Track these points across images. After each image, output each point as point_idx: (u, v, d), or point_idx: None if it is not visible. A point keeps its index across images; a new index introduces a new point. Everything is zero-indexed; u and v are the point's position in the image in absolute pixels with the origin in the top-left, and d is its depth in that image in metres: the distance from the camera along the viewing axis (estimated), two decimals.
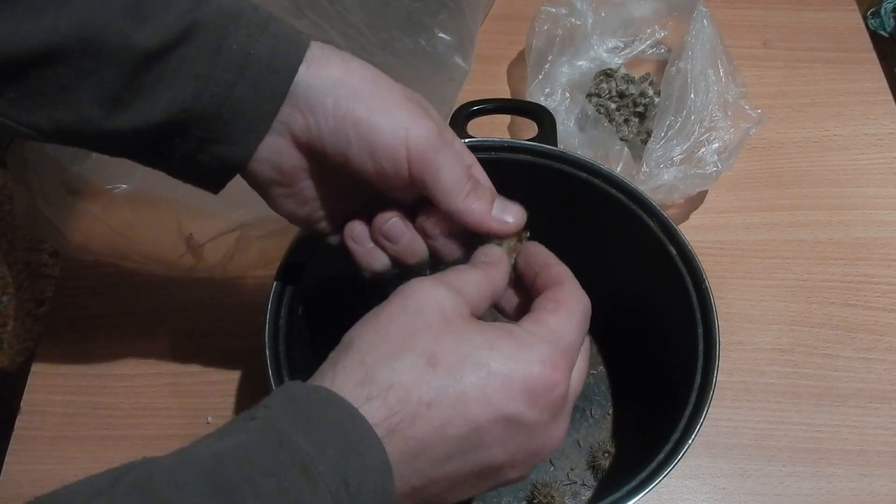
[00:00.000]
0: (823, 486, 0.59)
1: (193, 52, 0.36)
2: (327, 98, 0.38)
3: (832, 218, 0.71)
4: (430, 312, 0.35)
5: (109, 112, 0.36)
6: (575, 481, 0.57)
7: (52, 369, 0.62)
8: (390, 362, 0.33)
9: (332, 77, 0.38)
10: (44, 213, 0.54)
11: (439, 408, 0.32)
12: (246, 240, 0.57)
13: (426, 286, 0.36)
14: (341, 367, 0.34)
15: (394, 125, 0.38)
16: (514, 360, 0.34)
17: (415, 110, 0.39)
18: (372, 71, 0.39)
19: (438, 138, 0.38)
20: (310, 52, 0.38)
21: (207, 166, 0.39)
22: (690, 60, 0.68)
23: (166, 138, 0.38)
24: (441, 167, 0.38)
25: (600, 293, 0.61)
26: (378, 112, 0.38)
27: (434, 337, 0.34)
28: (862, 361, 0.64)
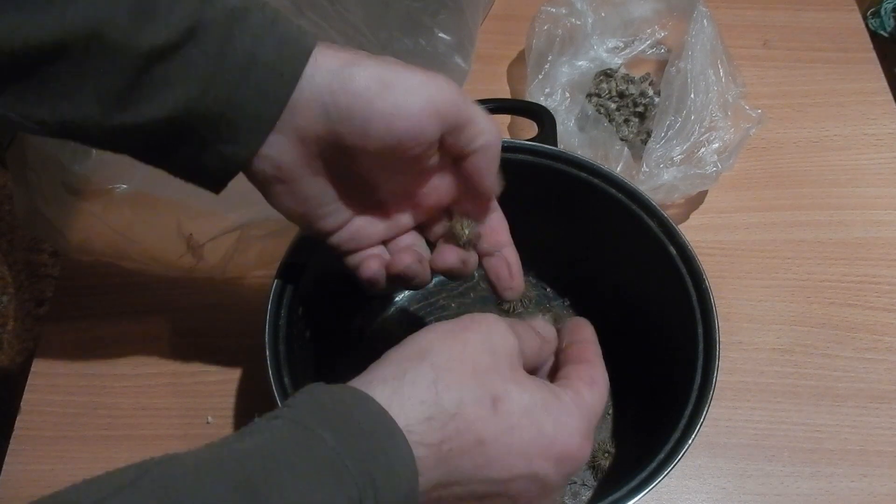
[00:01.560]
0: (823, 486, 0.59)
1: (198, 52, 0.36)
2: (335, 82, 0.38)
3: (832, 218, 0.71)
4: (502, 357, 0.36)
5: (113, 109, 0.36)
6: (575, 481, 0.57)
7: (52, 369, 0.62)
8: (461, 392, 0.34)
9: (338, 61, 0.38)
10: (44, 213, 0.54)
11: (489, 449, 0.34)
12: (246, 240, 0.57)
13: (503, 329, 0.37)
14: (412, 376, 0.33)
15: (416, 86, 0.38)
16: (560, 426, 0.36)
17: (432, 75, 0.39)
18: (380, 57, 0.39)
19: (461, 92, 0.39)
20: (316, 50, 0.38)
21: (210, 164, 0.39)
22: (690, 60, 0.68)
23: (169, 136, 0.38)
24: (473, 115, 0.39)
25: (600, 293, 0.62)
26: (394, 79, 0.38)
27: (503, 381, 0.35)
28: (862, 361, 0.64)
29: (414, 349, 0.35)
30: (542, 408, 0.35)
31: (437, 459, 0.33)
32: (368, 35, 0.61)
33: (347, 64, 0.38)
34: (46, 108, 0.35)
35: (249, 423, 0.32)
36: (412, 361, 0.34)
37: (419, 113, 0.38)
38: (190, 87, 0.36)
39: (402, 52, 0.63)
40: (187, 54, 0.36)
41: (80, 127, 0.36)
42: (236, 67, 0.37)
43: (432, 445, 0.32)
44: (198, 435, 0.60)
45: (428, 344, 0.35)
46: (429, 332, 0.36)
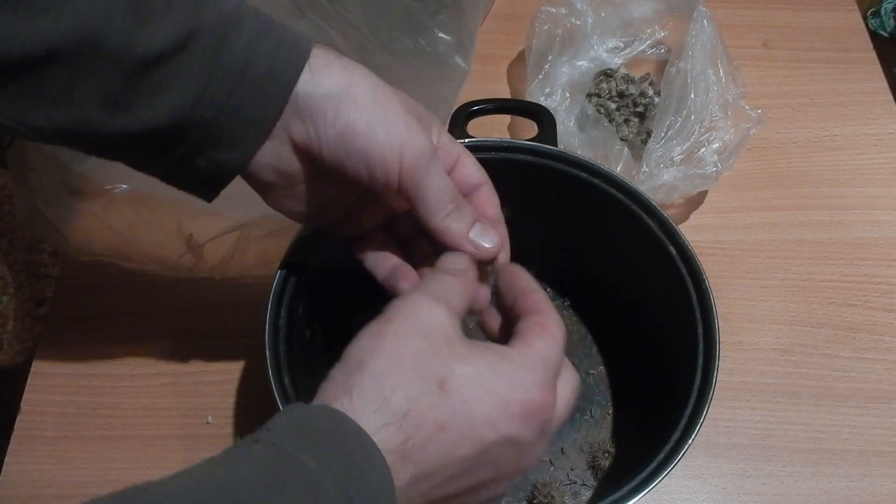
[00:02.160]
0: (823, 486, 0.59)
1: (193, 59, 0.36)
2: (328, 108, 0.38)
3: (832, 218, 0.71)
4: (436, 336, 0.35)
5: (108, 114, 0.36)
6: (575, 481, 0.57)
7: (52, 369, 0.62)
8: (406, 389, 0.34)
9: (333, 86, 0.38)
10: (44, 213, 0.54)
11: (450, 431, 0.34)
12: (246, 240, 0.57)
13: (427, 306, 0.37)
14: (358, 391, 0.33)
15: (391, 139, 0.38)
16: (514, 384, 0.35)
17: (412, 124, 0.39)
18: (373, 79, 0.40)
19: (430, 157, 0.39)
20: (312, 58, 0.38)
21: (204, 170, 0.39)
22: (690, 60, 0.68)
23: (164, 142, 0.38)
24: (428, 186, 0.40)
25: (600, 293, 0.62)
26: (377, 125, 0.38)
27: (443, 362, 0.35)
28: (862, 361, 0.64)
29: (352, 363, 0.35)
30: (489, 372, 0.35)
31: (404, 459, 0.33)
32: (368, 35, 0.61)
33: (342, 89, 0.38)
34: (40, 113, 0.35)
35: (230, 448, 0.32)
36: (353, 375, 0.34)
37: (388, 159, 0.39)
38: (184, 93, 0.36)
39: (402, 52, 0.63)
40: (182, 61, 0.36)
41: (75, 132, 0.37)
42: (231, 73, 0.37)
43: (396, 449, 0.33)
44: (198, 435, 0.60)
45: (362, 353, 0.35)
46: (359, 340, 0.36)
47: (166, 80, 0.36)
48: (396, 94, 0.40)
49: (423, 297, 0.37)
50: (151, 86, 0.36)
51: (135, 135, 0.37)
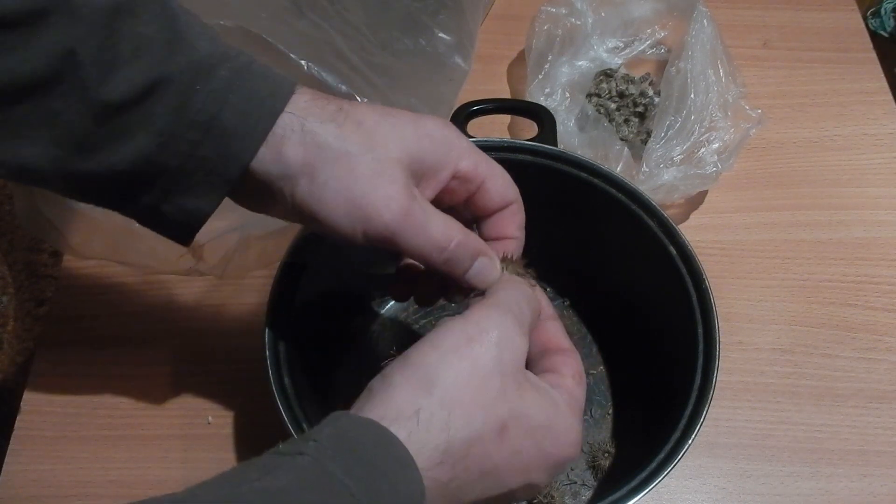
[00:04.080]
0: (823, 486, 0.59)
1: (158, 107, 0.36)
2: (283, 186, 0.38)
3: (832, 218, 0.71)
4: (509, 374, 0.35)
5: (73, 155, 0.36)
6: (575, 481, 0.57)
7: (52, 369, 0.62)
8: (470, 431, 0.33)
9: (289, 161, 0.37)
10: (44, 213, 0.54)
11: (491, 478, 0.35)
12: (246, 240, 0.57)
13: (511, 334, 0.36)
14: (425, 419, 0.33)
15: (349, 215, 0.37)
16: (560, 442, 0.37)
17: (377, 193, 0.37)
18: (337, 143, 0.38)
19: (400, 225, 0.38)
20: (277, 125, 0.37)
21: (172, 216, 0.39)
22: (690, 60, 0.68)
23: (130, 186, 0.38)
24: (406, 249, 0.39)
25: (600, 293, 0.62)
26: (332, 201, 0.37)
27: (510, 405, 0.35)
28: (862, 361, 0.64)
29: (420, 375, 0.34)
30: (544, 427, 0.36)
31: (442, 496, 0.33)
32: (368, 35, 0.61)
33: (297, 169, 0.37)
34: (6, 149, 0.35)
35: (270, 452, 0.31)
36: (421, 394, 0.33)
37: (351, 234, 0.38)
38: (149, 140, 0.36)
39: (402, 52, 0.63)
40: (147, 108, 0.36)
41: (40, 171, 0.36)
42: (196, 126, 0.36)
43: (441, 485, 0.33)
44: (198, 435, 0.60)
45: (433, 368, 0.34)
46: (433, 350, 0.35)
47: (131, 126, 0.36)
48: (365, 157, 0.38)
49: (511, 325, 0.36)
50: (116, 131, 0.36)
51: (99, 177, 0.37)
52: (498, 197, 0.43)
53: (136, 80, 0.35)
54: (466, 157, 0.41)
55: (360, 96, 0.57)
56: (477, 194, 0.43)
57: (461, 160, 0.41)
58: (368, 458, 0.31)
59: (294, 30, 0.58)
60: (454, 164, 0.41)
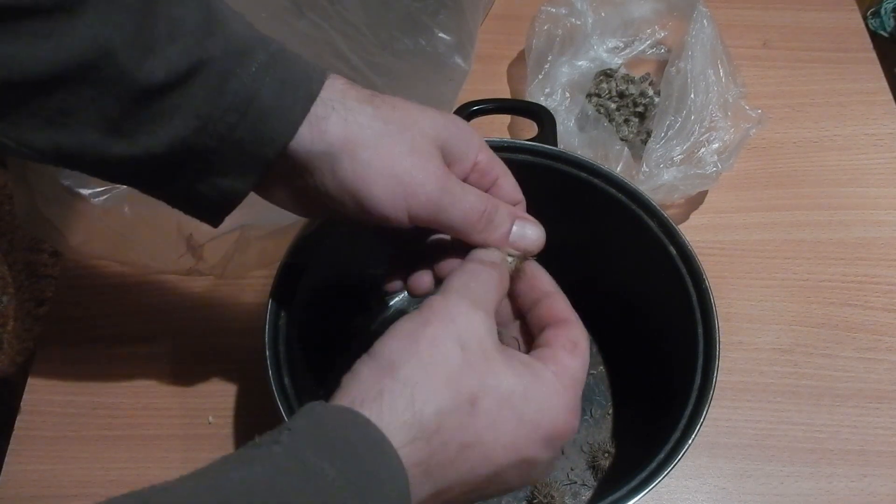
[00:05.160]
0: (823, 486, 0.59)
1: (196, 90, 0.36)
2: (324, 163, 0.38)
3: (832, 218, 0.71)
4: (472, 346, 0.35)
5: (110, 139, 0.36)
6: (575, 481, 0.57)
7: (53, 369, 0.62)
8: (438, 404, 0.33)
9: (330, 143, 0.38)
10: (44, 213, 0.54)
11: (474, 451, 0.34)
12: (246, 240, 0.57)
13: (465, 310, 0.36)
14: (389, 399, 0.33)
15: (393, 193, 0.38)
16: (544, 409, 0.35)
17: (420, 168, 0.38)
18: (376, 126, 0.38)
19: (440, 197, 0.39)
20: (316, 106, 0.37)
21: (207, 196, 0.39)
22: (690, 60, 0.68)
23: (166, 167, 0.38)
24: (448, 221, 0.39)
25: (600, 293, 0.62)
26: (377, 180, 0.38)
27: (477, 377, 0.34)
28: (862, 361, 0.64)
29: (383, 362, 0.34)
30: (521, 395, 0.35)
31: (426, 475, 0.33)
32: (368, 35, 0.61)
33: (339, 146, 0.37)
34: (42, 135, 0.35)
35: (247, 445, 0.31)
36: (384, 379, 0.33)
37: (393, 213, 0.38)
38: (187, 123, 0.36)
39: (402, 52, 0.63)
40: (185, 92, 0.36)
41: (76, 155, 0.36)
42: (234, 107, 0.36)
43: (420, 464, 0.32)
44: (198, 435, 0.60)
45: (394, 354, 0.34)
46: (392, 339, 0.35)
47: (169, 109, 0.36)
48: (404, 134, 0.39)
49: (462, 302, 0.36)
50: (154, 114, 0.36)
51: (136, 160, 0.37)
52: (510, 194, 0.44)
53: (175, 64, 0.35)
54: (484, 151, 0.43)
55: None
56: (493, 189, 0.43)
57: (480, 153, 0.42)
58: (343, 442, 0.31)
59: (294, 30, 0.58)
60: (475, 153, 0.42)
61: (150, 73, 0.35)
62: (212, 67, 0.36)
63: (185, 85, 0.36)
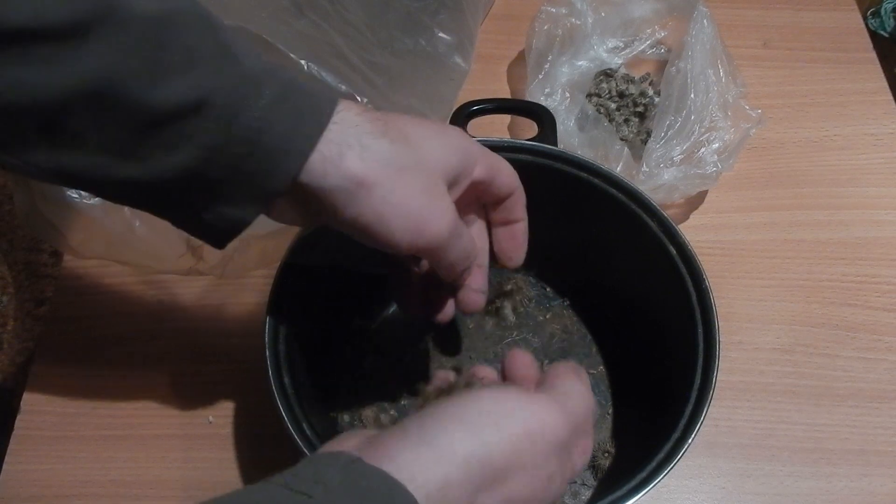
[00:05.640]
0: (823, 486, 0.59)
1: (205, 122, 0.36)
2: (338, 198, 0.38)
3: (832, 218, 0.71)
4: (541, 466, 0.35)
5: (117, 164, 0.36)
6: (575, 481, 0.57)
7: (52, 369, 0.62)
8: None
9: (345, 179, 0.38)
10: (44, 213, 0.54)
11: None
12: (246, 240, 0.57)
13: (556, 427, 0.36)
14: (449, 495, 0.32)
15: (403, 231, 0.39)
16: None
17: (431, 208, 0.40)
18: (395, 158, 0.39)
19: (447, 239, 0.41)
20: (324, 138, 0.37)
21: (211, 224, 0.39)
22: (690, 60, 0.68)
23: (172, 193, 0.38)
24: (444, 262, 0.42)
25: (600, 293, 0.62)
26: (390, 219, 0.39)
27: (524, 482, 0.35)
28: (862, 361, 0.64)
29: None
30: None
31: None
32: (368, 35, 0.61)
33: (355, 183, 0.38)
34: (50, 157, 0.35)
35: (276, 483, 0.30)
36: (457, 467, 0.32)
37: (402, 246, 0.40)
38: (195, 153, 0.36)
39: (402, 52, 0.63)
40: (194, 123, 0.36)
41: (82, 178, 0.36)
42: (243, 141, 0.36)
43: None
44: (198, 435, 0.60)
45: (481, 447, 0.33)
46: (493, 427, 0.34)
47: (177, 138, 0.36)
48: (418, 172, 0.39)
49: (564, 424, 0.36)
50: (161, 143, 0.36)
51: (142, 185, 0.37)
52: (505, 189, 0.46)
53: (185, 95, 0.35)
54: (480, 163, 0.44)
55: (360, 96, 0.57)
56: (488, 191, 0.46)
57: (476, 167, 0.44)
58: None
59: (294, 30, 0.58)
60: (472, 172, 0.44)
61: (160, 101, 0.35)
62: (222, 99, 0.36)
63: (194, 116, 0.35)
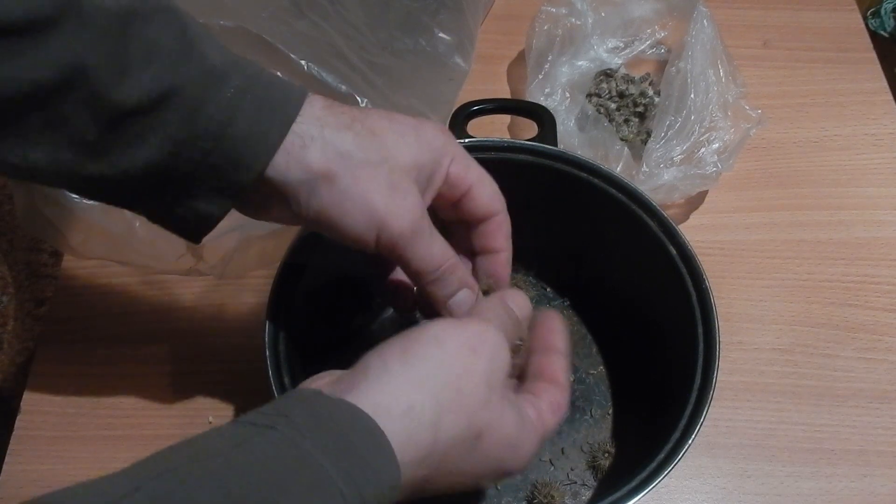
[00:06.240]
0: (823, 486, 0.59)
1: (170, 115, 0.36)
2: (301, 190, 0.38)
3: (832, 218, 0.71)
4: (497, 384, 0.37)
5: (85, 158, 0.36)
6: (575, 481, 0.57)
7: (52, 369, 0.62)
8: (454, 432, 0.34)
9: (308, 171, 0.38)
10: (44, 213, 0.54)
11: (455, 476, 0.36)
12: (246, 240, 0.57)
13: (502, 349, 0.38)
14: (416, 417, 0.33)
15: (366, 223, 0.39)
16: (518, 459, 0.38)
17: (394, 201, 0.39)
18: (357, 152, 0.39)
19: (410, 234, 0.40)
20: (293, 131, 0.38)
21: (183, 218, 0.39)
22: (690, 60, 0.68)
23: (141, 189, 0.38)
24: (409, 259, 0.41)
25: (600, 293, 0.62)
26: (351, 210, 0.39)
27: (489, 415, 0.36)
28: (862, 361, 0.64)
29: (418, 372, 0.34)
30: (511, 444, 0.37)
31: (413, 488, 0.34)
32: (368, 35, 0.61)
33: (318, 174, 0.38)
34: (17, 153, 0.35)
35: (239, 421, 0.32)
36: (416, 391, 0.34)
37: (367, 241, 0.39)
38: (161, 146, 0.36)
39: (402, 52, 0.63)
40: (159, 117, 0.36)
41: (52, 173, 0.36)
42: (208, 134, 0.36)
43: (416, 480, 0.34)
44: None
45: (434, 369, 0.35)
46: (433, 349, 0.35)
47: (142, 132, 0.36)
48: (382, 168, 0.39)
49: (502, 341, 0.38)
50: (127, 136, 0.36)
51: (110, 180, 0.37)
52: (484, 204, 0.44)
53: (149, 88, 0.35)
54: (457, 162, 0.43)
55: (360, 96, 0.57)
56: (464, 199, 0.44)
57: (452, 164, 0.43)
58: (346, 440, 0.31)
59: (294, 30, 0.58)
60: (445, 169, 0.43)
61: (124, 95, 0.35)
62: (186, 92, 0.36)
63: (159, 109, 0.36)
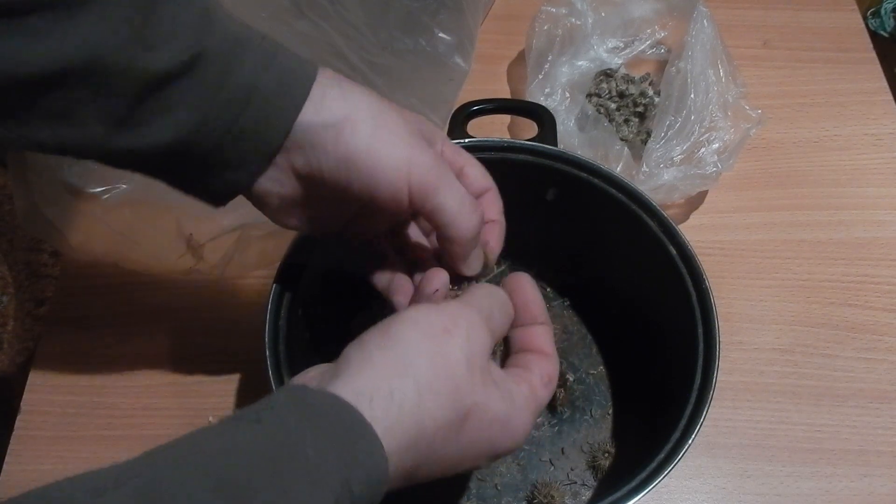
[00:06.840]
0: (823, 486, 0.59)
1: (198, 83, 0.36)
2: (328, 135, 0.38)
3: (832, 218, 0.71)
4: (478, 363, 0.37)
5: (114, 132, 0.36)
6: (575, 481, 0.57)
7: (52, 369, 0.62)
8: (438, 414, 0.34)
9: (333, 114, 0.39)
10: (44, 213, 0.54)
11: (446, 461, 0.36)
12: (246, 240, 0.57)
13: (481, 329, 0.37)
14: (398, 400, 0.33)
15: (396, 161, 0.39)
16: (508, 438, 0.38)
17: (416, 143, 0.40)
18: (373, 102, 0.40)
19: (440, 171, 0.40)
20: (315, 86, 0.39)
21: (211, 185, 0.40)
22: (690, 60, 0.68)
23: (171, 158, 0.38)
24: (444, 204, 0.40)
25: (600, 293, 0.62)
26: (379, 148, 0.39)
27: (474, 394, 0.36)
28: (862, 361, 0.64)
29: (397, 356, 0.35)
30: (501, 421, 0.37)
31: (403, 477, 0.34)
32: (368, 35, 0.61)
33: (341, 117, 0.39)
34: (45, 130, 0.35)
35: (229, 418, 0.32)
36: (396, 376, 0.34)
37: (395, 181, 0.39)
38: (189, 115, 0.37)
39: (402, 52, 0.63)
40: (187, 84, 0.36)
41: (80, 148, 0.37)
42: (236, 99, 0.37)
43: (406, 466, 0.34)
44: None
45: (412, 352, 0.35)
46: (410, 331, 0.36)
47: (171, 101, 0.36)
48: (398, 114, 0.40)
49: (480, 321, 0.38)
50: (157, 107, 0.36)
51: (142, 151, 0.37)
52: (478, 181, 0.45)
53: (175, 57, 0.36)
54: (447, 144, 0.45)
55: None
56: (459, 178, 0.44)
57: (444, 145, 0.44)
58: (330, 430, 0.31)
59: (294, 30, 0.58)
60: (440, 148, 0.44)
61: (151, 66, 0.35)
62: (212, 60, 0.36)
63: (186, 77, 0.36)
